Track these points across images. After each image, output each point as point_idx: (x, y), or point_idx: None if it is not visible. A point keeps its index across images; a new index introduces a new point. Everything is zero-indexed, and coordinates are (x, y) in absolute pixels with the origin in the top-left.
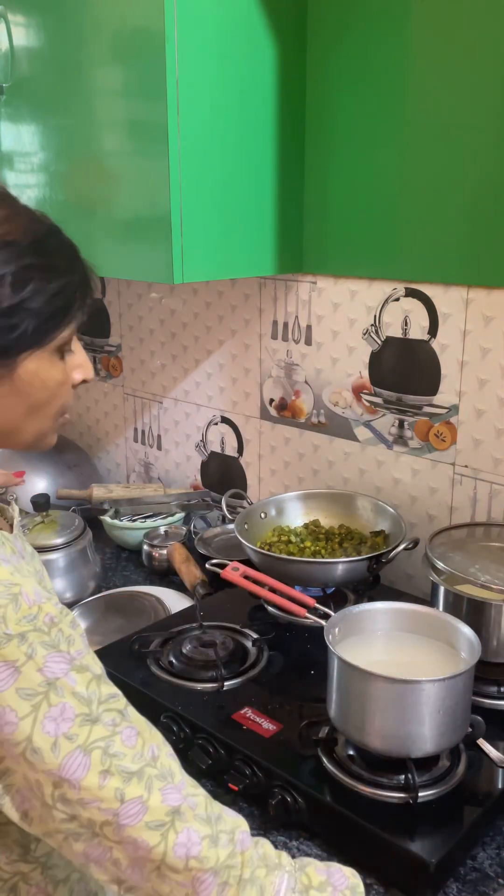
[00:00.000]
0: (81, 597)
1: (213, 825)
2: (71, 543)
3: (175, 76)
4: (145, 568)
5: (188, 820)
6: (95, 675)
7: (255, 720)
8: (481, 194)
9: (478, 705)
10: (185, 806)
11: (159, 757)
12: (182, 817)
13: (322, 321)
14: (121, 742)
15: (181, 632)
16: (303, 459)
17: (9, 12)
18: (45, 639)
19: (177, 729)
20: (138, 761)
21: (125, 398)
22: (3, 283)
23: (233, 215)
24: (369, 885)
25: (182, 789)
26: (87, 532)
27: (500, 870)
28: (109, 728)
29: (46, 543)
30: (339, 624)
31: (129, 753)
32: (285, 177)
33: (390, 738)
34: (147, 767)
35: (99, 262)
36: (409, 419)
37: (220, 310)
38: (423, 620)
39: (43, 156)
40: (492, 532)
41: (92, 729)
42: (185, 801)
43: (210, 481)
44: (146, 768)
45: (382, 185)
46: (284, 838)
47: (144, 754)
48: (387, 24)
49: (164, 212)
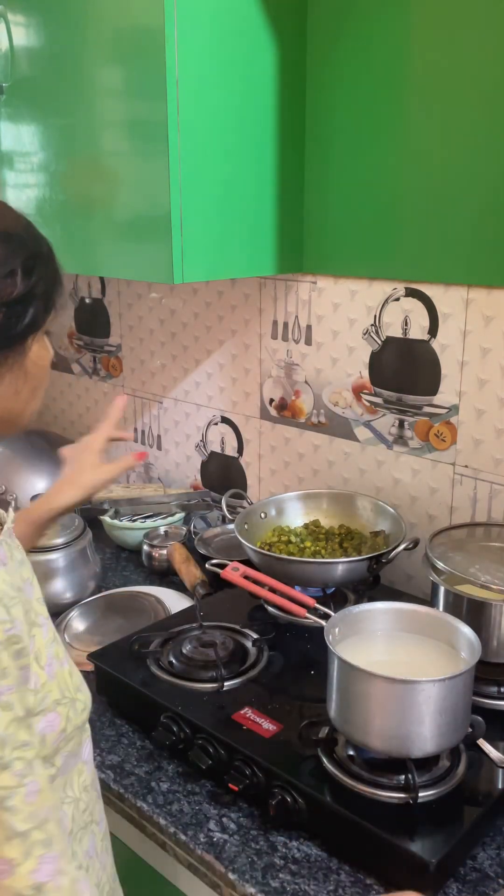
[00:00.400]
0: (82, 597)
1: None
2: (71, 543)
3: (175, 76)
4: (145, 568)
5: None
6: (17, 716)
7: (255, 720)
8: (481, 194)
9: (478, 705)
10: (50, 886)
11: (49, 821)
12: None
13: (322, 321)
14: (22, 798)
15: (181, 632)
16: (303, 459)
17: (9, 12)
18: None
19: (177, 729)
20: (28, 822)
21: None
22: (15, 274)
23: (233, 215)
24: (369, 885)
25: (56, 862)
26: (88, 532)
27: (500, 870)
28: (16, 778)
29: (47, 544)
30: (339, 624)
31: (24, 812)
32: (285, 177)
33: (390, 738)
34: (34, 830)
35: (99, 262)
36: (410, 419)
37: (220, 310)
38: (423, 620)
39: (43, 156)
40: (492, 532)
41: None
42: (52, 879)
43: (210, 481)
44: (33, 831)
45: (382, 184)
46: (284, 838)
47: (37, 814)
48: (387, 23)
49: (164, 212)
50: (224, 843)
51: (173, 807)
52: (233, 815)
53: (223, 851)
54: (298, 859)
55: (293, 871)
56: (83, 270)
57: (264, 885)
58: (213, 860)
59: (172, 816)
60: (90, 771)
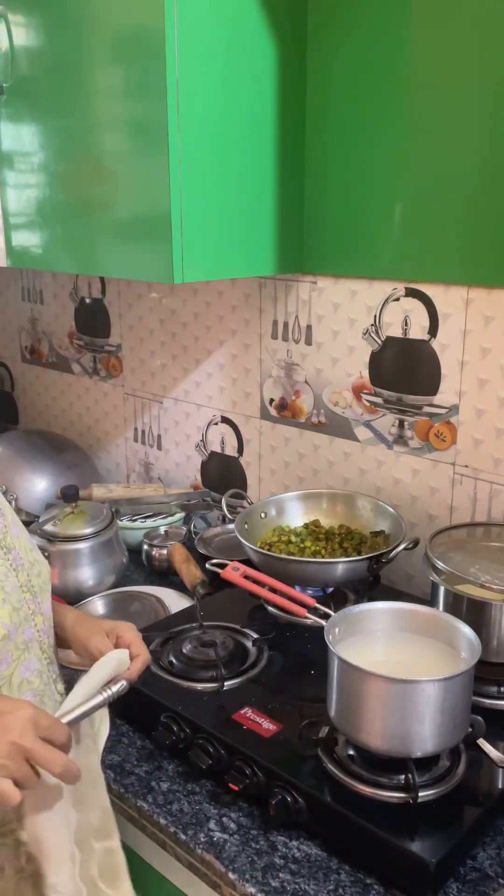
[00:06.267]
0: (106, 586)
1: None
2: (100, 533)
3: (175, 76)
4: (145, 568)
5: None
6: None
7: (255, 720)
8: (481, 194)
9: (478, 705)
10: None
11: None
12: None
13: (322, 321)
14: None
15: (181, 632)
16: (303, 459)
17: (9, 12)
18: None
19: (177, 729)
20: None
21: (125, 398)
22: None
23: (233, 215)
24: (369, 885)
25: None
26: (115, 523)
27: (500, 870)
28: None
29: (77, 533)
30: (339, 624)
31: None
32: (285, 177)
33: (390, 738)
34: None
35: (99, 262)
36: (410, 419)
37: (220, 310)
38: (423, 620)
39: (43, 156)
40: (492, 532)
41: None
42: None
43: (210, 481)
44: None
45: (382, 185)
46: (284, 838)
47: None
48: (387, 23)
49: (164, 212)
50: (224, 843)
51: (173, 806)
52: (233, 814)
53: (223, 851)
54: (298, 859)
55: (293, 870)
56: (83, 270)
57: (264, 884)
58: (213, 860)
59: (172, 816)
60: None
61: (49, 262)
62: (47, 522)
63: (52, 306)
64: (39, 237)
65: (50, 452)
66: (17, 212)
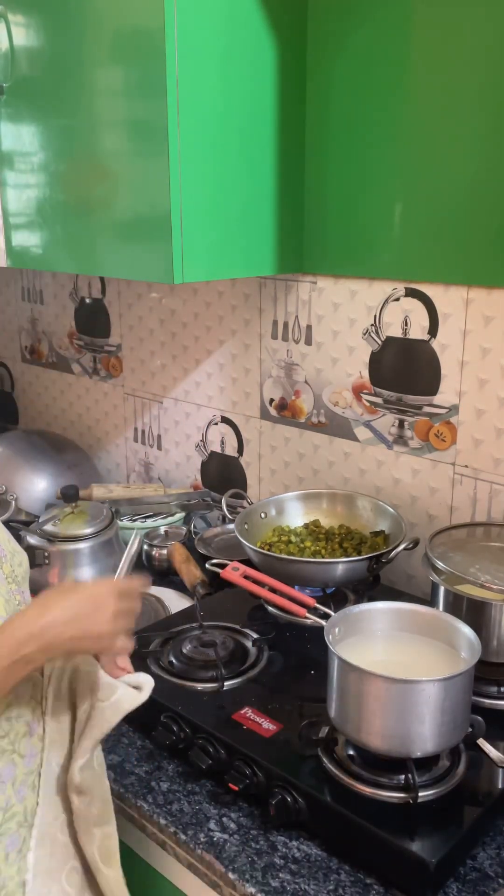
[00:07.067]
0: None
1: None
2: (100, 533)
3: (175, 76)
4: (145, 568)
5: None
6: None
7: (255, 720)
8: (481, 194)
9: (478, 705)
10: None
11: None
12: None
13: (322, 321)
14: None
15: (181, 632)
16: (303, 459)
17: (9, 12)
18: None
19: (177, 729)
20: None
21: (125, 398)
22: None
23: (233, 215)
24: (369, 885)
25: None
26: (115, 523)
27: (500, 870)
28: None
29: (77, 533)
30: (339, 624)
31: None
32: (285, 176)
33: (390, 738)
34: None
35: (99, 262)
36: (410, 419)
37: (220, 310)
38: (423, 620)
39: (43, 156)
40: (492, 532)
41: None
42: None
43: (210, 481)
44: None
45: (382, 185)
46: (284, 838)
47: None
48: (387, 23)
49: (164, 212)
50: (224, 843)
51: (173, 806)
52: (233, 814)
53: (223, 851)
54: (298, 859)
55: (293, 870)
56: (83, 270)
57: (264, 884)
58: (213, 860)
59: (172, 816)
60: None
61: (49, 262)
62: (47, 522)
63: (52, 306)
64: (39, 237)
65: (50, 452)
66: (17, 212)
